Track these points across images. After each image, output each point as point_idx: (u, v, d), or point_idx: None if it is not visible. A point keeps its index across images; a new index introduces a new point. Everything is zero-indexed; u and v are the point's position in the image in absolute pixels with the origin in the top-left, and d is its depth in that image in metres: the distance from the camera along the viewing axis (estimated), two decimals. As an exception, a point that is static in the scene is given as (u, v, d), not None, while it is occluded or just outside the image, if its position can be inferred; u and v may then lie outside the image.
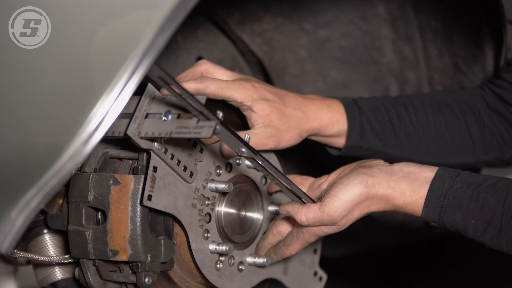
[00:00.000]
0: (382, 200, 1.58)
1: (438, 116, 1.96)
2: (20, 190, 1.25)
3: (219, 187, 1.66)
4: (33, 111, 1.27)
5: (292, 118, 1.76)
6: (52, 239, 1.71)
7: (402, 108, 1.94)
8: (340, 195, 1.56)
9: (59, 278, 1.71)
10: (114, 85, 1.23)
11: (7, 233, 1.25)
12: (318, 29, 2.35)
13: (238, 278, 1.76)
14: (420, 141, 1.95)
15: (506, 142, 1.99)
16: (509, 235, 1.50)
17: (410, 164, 1.61)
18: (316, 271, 1.99)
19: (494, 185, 1.52)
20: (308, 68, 2.37)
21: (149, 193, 1.52)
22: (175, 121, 1.47)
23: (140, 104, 1.52)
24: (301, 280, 1.95)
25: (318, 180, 1.74)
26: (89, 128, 1.23)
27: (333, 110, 1.85)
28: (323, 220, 1.57)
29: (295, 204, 1.63)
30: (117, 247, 1.55)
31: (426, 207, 1.56)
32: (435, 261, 3.40)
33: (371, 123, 1.88)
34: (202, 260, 1.67)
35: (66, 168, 1.23)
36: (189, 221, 1.63)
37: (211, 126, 1.41)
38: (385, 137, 1.91)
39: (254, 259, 1.78)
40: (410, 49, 2.41)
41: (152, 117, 1.50)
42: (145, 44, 1.24)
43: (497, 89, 1.98)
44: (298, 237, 1.66)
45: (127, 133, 1.49)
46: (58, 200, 1.66)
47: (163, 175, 1.55)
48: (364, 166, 1.63)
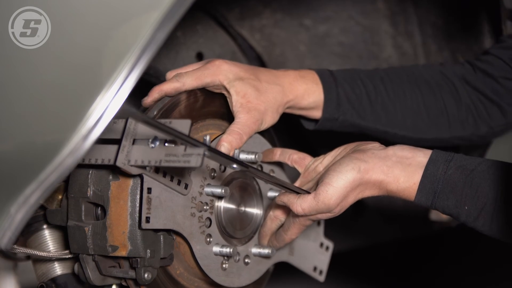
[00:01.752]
0: (375, 185, 1.58)
1: (415, 91, 1.96)
2: (19, 186, 1.25)
3: (215, 191, 1.66)
4: (32, 107, 1.27)
5: (268, 93, 1.76)
6: (52, 235, 1.71)
7: (378, 81, 1.93)
8: (334, 182, 1.56)
9: (59, 273, 1.71)
10: (113, 81, 1.23)
11: (6, 228, 1.25)
12: (317, 25, 2.35)
13: (245, 271, 1.77)
14: (397, 115, 1.94)
15: (482, 118, 1.99)
16: (501, 222, 1.51)
17: (404, 147, 1.60)
18: (322, 242, 2.00)
19: (487, 170, 1.53)
20: (307, 64, 2.37)
21: (147, 215, 1.52)
22: (163, 148, 1.46)
23: (126, 132, 1.50)
24: (308, 256, 1.96)
25: (314, 162, 1.74)
26: (88, 124, 1.23)
27: (308, 80, 1.85)
28: (319, 209, 1.58)
29: (290, 194, 1.63)
30: (117, 243, 1.55)
31: (420, 192, 1.56)
32: (436, 256, 3.41)
33: (347, 95, 1.88)
34: (208, 264, 1.67)
35: (65, 163, 1.23)
36: (190, 231, 1.63)
37: (200, 154, 1.41)
38: (361, 109, 1.90)
39: (259, 250, 1.78)
40: (409, 44, 2.41)
41: (139, 143, 1.49)
42: (144, 39, 1.24)
43: (482, 64, 1.98)
44: (295, 222, 1.67)
45: (116, 165, 1.49)
46: (57, 196, 1.66)
47: (158, 194, 1.54)
48: (358, 150, 1.62)
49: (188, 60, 2.11)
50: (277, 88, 1.78)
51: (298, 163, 1.76)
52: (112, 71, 1.23)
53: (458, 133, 2.00)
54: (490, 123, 1.99)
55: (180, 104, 1.66)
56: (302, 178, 1.74)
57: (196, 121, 1.71)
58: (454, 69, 2.01)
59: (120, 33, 1.26)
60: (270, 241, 1.77)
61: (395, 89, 1.94)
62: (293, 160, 1.75)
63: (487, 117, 1.98)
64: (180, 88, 1.67)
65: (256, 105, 1.72)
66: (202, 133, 1.73)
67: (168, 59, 2.06)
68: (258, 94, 1.73)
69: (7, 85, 1.27)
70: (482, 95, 1.97)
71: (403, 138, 1.93)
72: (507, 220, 1.50)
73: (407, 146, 1.60)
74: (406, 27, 2.39)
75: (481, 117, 1.98)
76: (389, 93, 1.93)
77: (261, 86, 1.75)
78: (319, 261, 1.99)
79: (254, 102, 1.72)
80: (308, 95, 1.83)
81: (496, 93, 1.96)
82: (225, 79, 1.71)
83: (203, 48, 2.16)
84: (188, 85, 1.67)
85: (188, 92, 1.68)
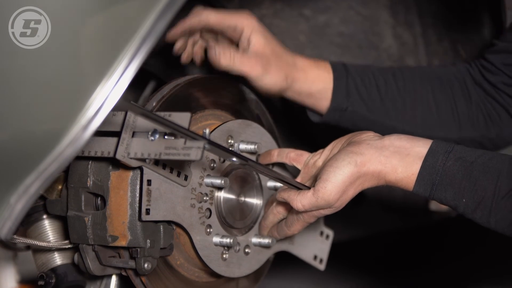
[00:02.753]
0: (374, 176, 1.57)
1: (426, 86, 1.95)
2: (19, 176, 1.25)
3: (215, 182, 1.66)
4: (32, 97, 1.27)
5: (282, 58, 1.81)
6: (52, 225, 1.71)
7: (390, 75, 1.93)
8: (331, 178, 1.56)
9: (59, 263, 1.71)
10: (113, 71, 1.23)
11: (6, 218, 1.25)
12: (317, 15, 2.34)
13: (246, 261, 1.77)
14: (406, 110, 1.94)
15: (492, 119, 1.99)
16: (499, 215, 1.50)
17: (401, 137, 1.59)
18: (322, 231, 2.00)
19: (487, 163, 1.52)
20: (307, 54, 2.37)
21: (147, 207, 1.52)
22: (162, 141, 1.46)
23: (125, 124, 1.50)
24: (309, 244, 1.96)
25: (313, 157, 1.73)
26: (88, 114, 1.22)
27: (320, 67, 1.88)
28: (319, 205, 1.58)
29: (291, 191, 1.63)
30: (117, 233, 1.55)
31: (418, 183, 1.55)
32: (436, 246, 3.41)
33: (357, 86, 1.88)
34: (208, 255, 1.67)
35: (65, 153, 1.23)
36: (190, 222, 1.63)
37: (200, 147, 1.41)
38: (371, 101, 1.90)
39: (259, 239, 1.78)
40: (409, 34, 2.41)
41: (139, 136, 1.49)
42: (144, 29, 1.23)
43: (482, 69, 1.98)
44: (298, 219, 1.66)
45: (116, 157, 1.49)
46: (57, 186, 1.66)
47: (158, 186, 1.54)
48: (352, 143, 1.61)
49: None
50: (291, 60, 1.83)
51: (296, 160, 1.75)
52: (112, 61, 1.23)
53: (468, 134, 1.99)
54: (500, 124, 1.98)
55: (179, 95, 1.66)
56: (302, 174, 1.74)
57: (195, 111, 1.71)
58: (465, 68, 2.01)
59: (121, 22, 1.25)
60: (271, 232, 1.77)
61: (406, 84, 1.94)
62: (291, 158, 1.75)
63: (497, 118, 1.97)
64: (204, 21, 1.73)
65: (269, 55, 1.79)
66: (201, 124, 1.73)
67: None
68: (273, 52, 1.79)
69: (7, 85, 1.27)
70: (490, 97, 1.96)
71: (411, 135, 1.93)
72: (506, 213, 1.50)
73: (404, 136, 1.59)
74: (406, 17, 2.39)
75: (492, 118, 1.98)
76: (400, 88, 1.92)
77: (279, 50, 1.81)
78: (319, 250, 1.99)
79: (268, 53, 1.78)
80: (319, 80, 1.85)
81: (502, 97, 1.96)
82: (249, 25, 1.77)
83: (203, 38, 2.15)
84: (212, 20, 1.73)
85: (187, 83, 1.68)
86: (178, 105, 1.65)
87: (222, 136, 1.71)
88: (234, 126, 1.74)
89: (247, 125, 1.77)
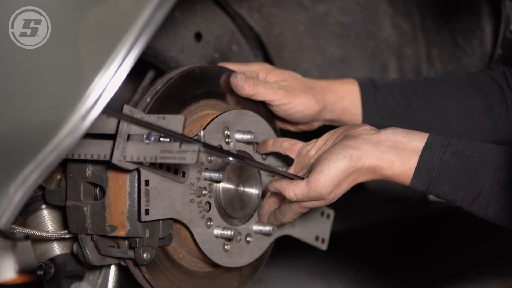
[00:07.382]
0: (369, 171, 1.57)
1: (459, 93, 1.95)
2: (18, 166, 1.25)
3: (213, 176, 1.66)
4: (31, 87, 1.27)
5: (305, 83, 1.85)
6: (51, 215, 1.71)
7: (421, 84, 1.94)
8: (325, 170, 1.56)
9: (58, 253, 1.71)
10: (112, 61, 1.23)
11: (5, 208, 1.25)
12: (316, 4, 2.34)
13: (247, 250, 1.77)
14: (439, 118, 1.94)
15: None
16: (497, 207, 1.51)
17: (397, 131, 1.59)
18: (323, 211, 2.00)
19: (484, 157, 1.52)
20: (306, 44, 2.37)
21: (146, 208, 1.52)
22: (158, 144, 1.45)
23: (120, 128, 1.50)
24: (310, 226, 1.96)
25: (306, 146, 1.72)
26: (87, 104, 1.22)
27: (345, 81, 1.91)
28: (311, 196, 1.58)
29: (283, 180, 1.63)
30: (115, 223, 1.56)
31: (415, 178, 1.55)
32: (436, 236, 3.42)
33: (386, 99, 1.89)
34: (210, 248, 1.67)
35: (64, 143, 1.23)
36: (190, 217, 1.63)
37: (195, 151, 1.41)
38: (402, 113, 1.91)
39: (260, 227, 1.78)
40: (408, 24, 2.40)
41: (134, 139, 1.49)
42: (143, 19, 1.23)
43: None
44: (291, 209, 1.67)
45: (112, 162, 1.49)
46: (56, 176, 1.66)
47: (156, 185, 1.54)
48: (348, 136, 1.61)
49: (187, 40, 2.10)
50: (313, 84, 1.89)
51: (290, 150, 1.74)
52: (110, 51, 1.22)
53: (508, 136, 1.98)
54: None
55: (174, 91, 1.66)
56: (296, 164, 1.73)
57: (190, 103, 1.70)
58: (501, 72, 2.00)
59: (119, 12, 1.25)
60: (269, 220, 1.77)
61: (438, 91, 1.93)
62: (284, 148, 1.74)
63: None
64: (252, 96, 1.80)
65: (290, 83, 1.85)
66: (197, 115, 1.72)
67: (167, 39, 2.05)
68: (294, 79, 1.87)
69: (7, 85, 1.27)
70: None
71: None
72: (504, 206, 1.50)
73: (400, 130, 1.59)
74: (405, 7, 2.38)
75: None
76: (431, 96, 1.92)
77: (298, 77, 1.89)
78: (321, 230, 1.99)
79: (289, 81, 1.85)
80: (348, 93, 1.87)
81: None
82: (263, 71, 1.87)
83: (202, 28, 2.15)
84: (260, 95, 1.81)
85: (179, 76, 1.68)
86: (172, 99, 1.64)
87: (218, 129, 1.69)
88: (229, 116, 1.72)
89: (243, 115, 1.76)
